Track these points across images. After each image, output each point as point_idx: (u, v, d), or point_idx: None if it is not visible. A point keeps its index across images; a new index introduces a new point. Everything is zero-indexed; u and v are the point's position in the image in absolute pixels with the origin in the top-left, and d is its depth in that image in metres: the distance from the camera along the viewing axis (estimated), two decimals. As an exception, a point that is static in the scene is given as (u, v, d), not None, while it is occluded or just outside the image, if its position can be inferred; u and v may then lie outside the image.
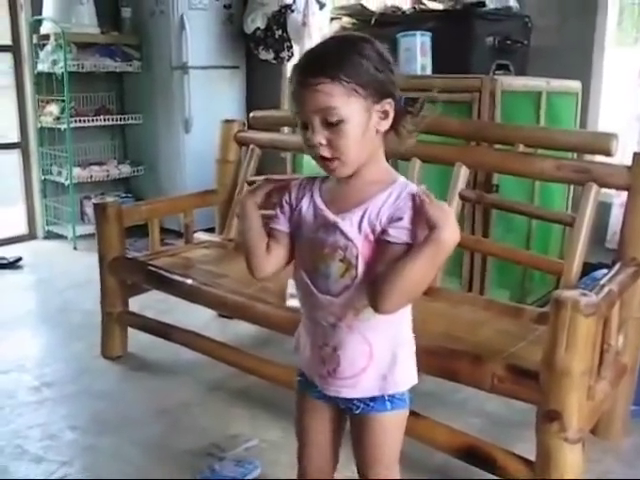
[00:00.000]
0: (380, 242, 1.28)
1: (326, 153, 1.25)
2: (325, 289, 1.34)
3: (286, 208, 1.39)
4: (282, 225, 1.40)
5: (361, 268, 1.29)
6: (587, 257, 2.33)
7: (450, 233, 1.21)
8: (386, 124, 1.29)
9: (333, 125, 1.23)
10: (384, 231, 1.27)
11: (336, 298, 1.33)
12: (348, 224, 1.30)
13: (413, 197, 1.26)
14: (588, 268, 2.45)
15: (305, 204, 1.36)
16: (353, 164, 1.28)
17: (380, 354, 1.36)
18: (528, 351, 2.01)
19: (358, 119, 1.25)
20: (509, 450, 1.90)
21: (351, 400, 1.40)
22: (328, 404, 1.46)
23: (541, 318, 2.23)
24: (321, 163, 1.29)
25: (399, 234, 1.25)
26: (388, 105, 1.28)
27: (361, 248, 1.29)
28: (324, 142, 1.24)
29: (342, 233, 1.30)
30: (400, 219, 1.25)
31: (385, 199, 1.28)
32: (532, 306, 2.96)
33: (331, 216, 1.32)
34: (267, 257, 1.41)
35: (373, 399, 1.39)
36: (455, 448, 1.96)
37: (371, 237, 1.29)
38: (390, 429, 1.43)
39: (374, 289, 1.25)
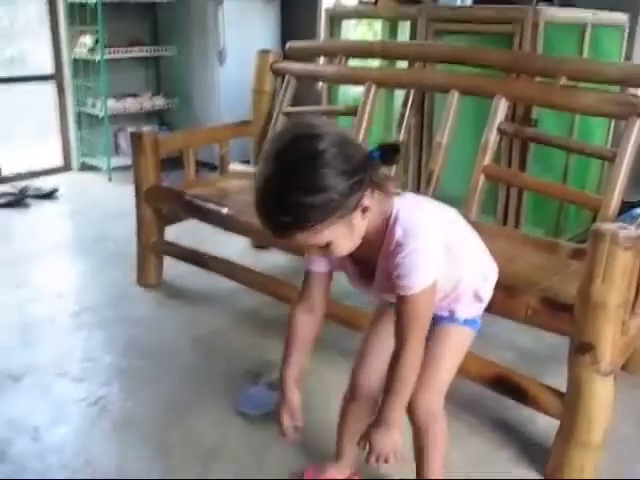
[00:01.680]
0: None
1: (330, 254, 1.32)
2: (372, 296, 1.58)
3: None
4: (323, 266, 1.50)
5: None
6: (625, 196, 2.30)
7: None
8: (367, 205, 1.29)
9: (323, 246, 1.28)
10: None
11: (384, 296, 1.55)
12: (379, 289, 1.46)
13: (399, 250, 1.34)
14: (627, 206, 2.41)
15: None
16: (352, 245, 1.33)
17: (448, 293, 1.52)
18: (563, 285, 2.00)
19: (342, 231, 1.27)
20: (540, 382, 1.91)
21: None
22: None
23: (576, 253, 2.21)
24: None
25: (401, 291, 1.36)
26: (365, 199, 1.27)
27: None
28: (321, 253, 1.33)
29: (375, 294, 1.53)
30: (397, 278, 1.35)
31: (385, 253, 1.37)
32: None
33: (362, 287, 1.50)
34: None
35: (442, 316, 1.55)
36: (487, 378, 1.97)
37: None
38: (454, 341, 1.54)
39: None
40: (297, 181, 1.17)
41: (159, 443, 2.00)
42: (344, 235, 1.27)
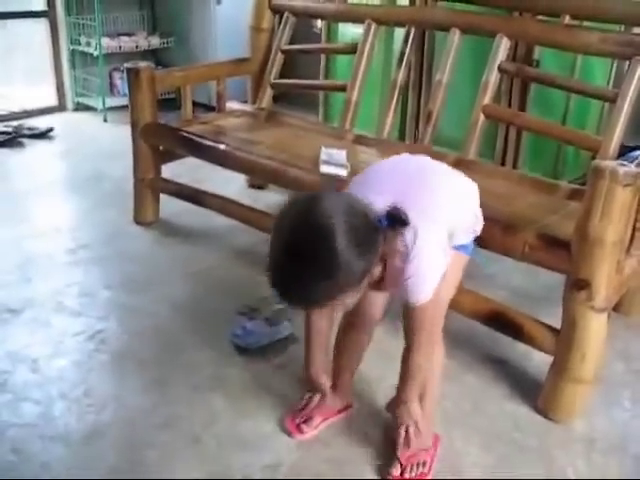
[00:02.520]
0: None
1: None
2: None
3: None
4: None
5: None
6: (625, 140, 2.29)
7: None
8: (378, 270, 1.38)
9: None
10: None
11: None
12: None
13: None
14: (626, 150, 2.41)
15: None
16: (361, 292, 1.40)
17: None
18: (560, 223, 2.01)
19: (357, 294, 1.36)
20: (535, 319, 1.94)
21: None
22: None
23: (574, 194, 2.22)
24: None
25: (407, 301, 1.45)
26: (375, 268, 1.36)
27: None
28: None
29: None
30: (402, 291, 1.43)
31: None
32: (565, 185, 2.96)
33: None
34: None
35: None
36: (482, 315, 2.00)
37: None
38: (451, 265, 1.52)
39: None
40: (315, 271, 1.25)
41: (157, 375, 2.02)
42: (355, 295, 1.36)
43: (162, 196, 3.03)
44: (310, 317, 1.64)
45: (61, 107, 5.06)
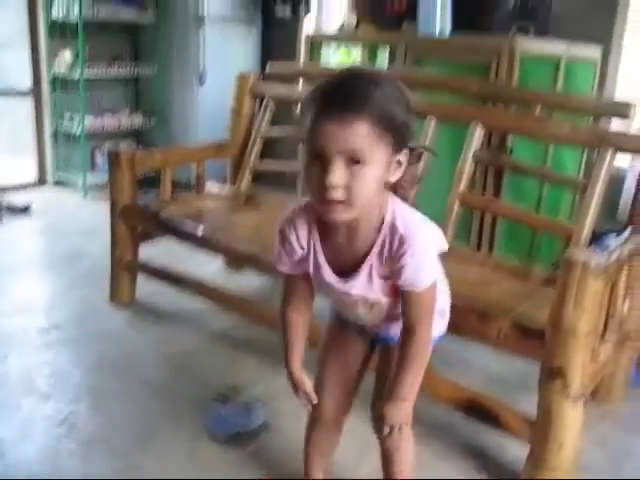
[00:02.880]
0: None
1: (339, 196, 1.18)
2: (354, 318, 1.49)
3: (293, 259, 1.41)
4: (299, 270, 1.44)
5: (385, 299, 1.39)
6: (596, 226, 2.33)
7: None
8: (398, 175, 1.27)
9: (355, 168, 1.17)
10: (393, 277, 1.34)
11: (369, 317, 1.47)
12: (358, 286, 1.36)
13: (402, 242, 1.28)
14: (599, 235, 2.45)
15: (310, 259, 1.38)
16: (357, 211, 1.23)
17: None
18: (534, 311, 2.02)
19: (380, 166, 1.21)
20: (510, 408, 1.93)
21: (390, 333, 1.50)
22: (362, 336, 1.58)
23: (549, 281, 2.24)
24: (323, 205, 1.22)
25: (406, 287, 1.33)
26: (404, 156, 1.25)
27: (380, 292, 1.37)
28: (342, 184, 1.18)
29: (356, 294, 1.39)
30: (399, 274, 1.31)
31: (380, 250, 1.31)
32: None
33: (340, 285, 1.37)
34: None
35: None
36: (457, 403, 1.99)
37: (384, 281, 1.36)
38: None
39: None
40: (380, 87, 1.19)
41: (127, 462, 1.97)
42: (377, 171, 1.20)
43: (139, 275, 3.02)
44: (286, 312, 1.51)
45: (42, 182, 5.10)
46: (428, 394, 2.01)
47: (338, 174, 1.17)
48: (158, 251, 3.13)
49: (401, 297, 1.36)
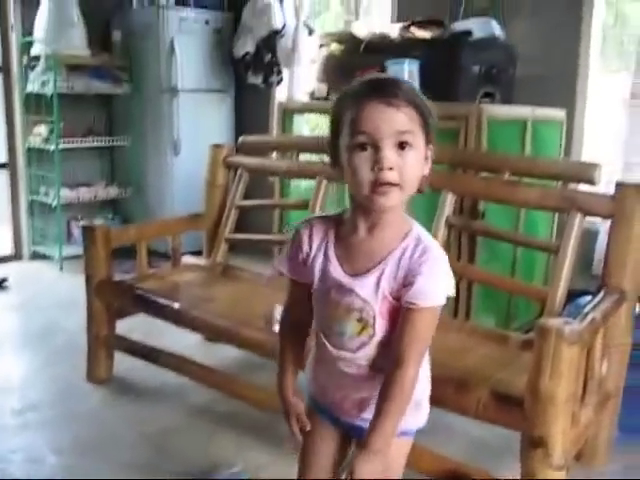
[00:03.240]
0: (399, 303, 1.29)
1: (393, 177, 1.21)
2: (340, 346, 1.34)
3: (299, 263, 1.37)
4: (304, 278, 1.38)
5: (379, 326, 1.31)
6: (573, 283, 2.36)
7: None
8: (427, 169, 1.29)
9: (404, 150, 1.22)
10: (400, 294, 1.28)
11: (353, 354, 1.33)
12: (364, 287, 1.29)
13: (425, 251, 1.27)
14: (574, 295, 2.48)
15: (319, 257, 1.34)
16: (406, 195, 1.25)
17: None
18: (513, 377, 2.02)
19: (421, 152, 1.25)
20: (494, 477, 1.91)
21: (363, 428, 1.37)
22: (336, 426, 1.47)
23: (526, 345, 2.24)
24: (374, 191, 1.22)
25: (414, 299, 1.26)
26: (430, 151, 1.29)
27: (379, 309, 1.29)
28: (394, 166, 1.21)
29: (358, 296, 1.30)
30: (412, 283, 1.25)
31: (400, 256, 1.28)
32: (518, 331, 3.00)
33: (346, 280, 1.31)
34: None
35: None
36: (440, 474, 1.97)
37: (389, 297, 1.29)
38: (395, 454, 1.41)
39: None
40: (413, 86, 1.28)
41: None
42: (421, 156, 1.25)
43: (117, 350, 2.98)
44: (283, 325, 1.47)
45: (17, 256, 5.06)
46: (409, 465, 1.99)
47: (391, 155, 1.21)
48: (135, 323, 3.09)
49: (400, 318, 1.29)
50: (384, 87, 1.24)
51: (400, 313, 1.29)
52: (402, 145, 1.22)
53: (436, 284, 1.26)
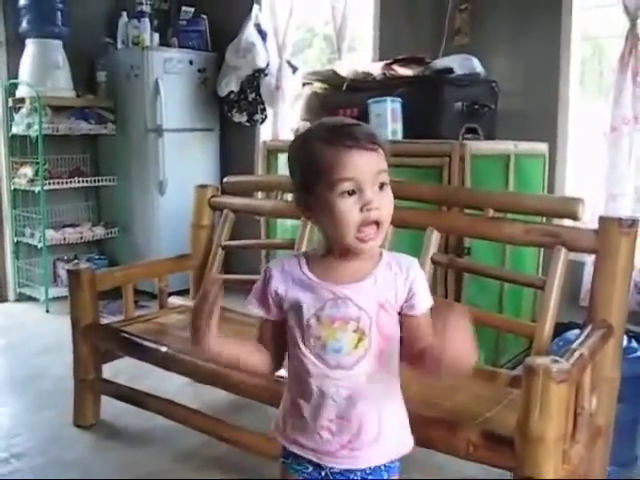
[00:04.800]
0: (402, 314, 1.35)
1: (379, 216, 1.27)
2: (336, 364, 1.33)
3: (273, 299, 1.37)
4: (276, 315, 1.39)
5: (374, 337, 1.32)
6: (561, 316, 2.36)
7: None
8: None
9: (382, 190, 1.28)
10: (405, 306, 1.34)
11: (349, 371, 1.33)
12: (360, 293, 1.32)
13: (410, 266, 1.35)
14: (562, 327, 2.48)
15: (297, 286, 1.35)
16: (384, 233, 1.31)
17: (391, 418, 1.38)
18: (503, 416, 2.02)
19: (391, 197, 1.31)
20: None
21: (348, 476, 1.37)
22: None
23: (515, 381, 2.24)
24: (357, 237, 1.27)
25: (420, 306, 1.34)
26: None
27: (375, 317, 1.31)
28: (379, 207, 1.27)
29: (354, 304, 1.31)
30: (412, 297, 1.33)
31: (386, 270, 1.34)
32: (507, 366, 3.00)
33: (339, 289, 1.32)
34: (275, 355, 1.43)
35: (371, 471, 1.38)
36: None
37: (387, 306, 1.33)
38: None
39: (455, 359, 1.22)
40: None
41: None
42: (391, 200, 1.30)
43: (103, 395, 2.95)
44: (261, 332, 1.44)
45: (3, 298, 5.02)
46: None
47: (375, 195, 1.27)
48: (122, 366, 3.06)
49: (405, 327, 1.35)
50: (355, 132, 1.28)
51: (395, 325, 1.35)
52: (381, 185, 1.28)
53: (427, 291, 1.37)
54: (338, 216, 1.26)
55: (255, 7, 4.81)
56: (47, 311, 4.70)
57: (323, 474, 1.40)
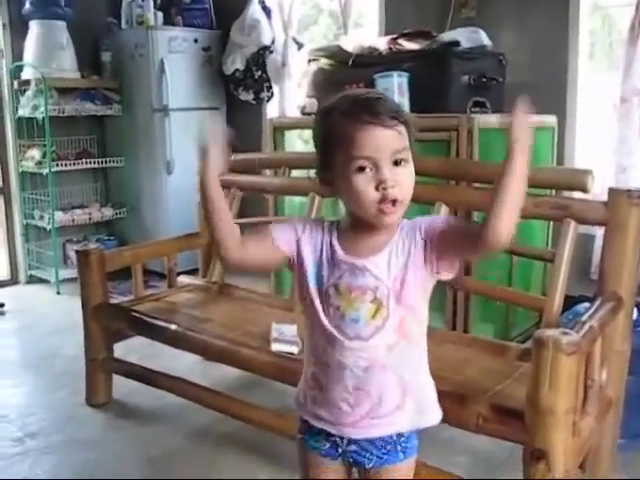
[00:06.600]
0: (436, 247, 1.31)
1: (397, 195, 1.26)
2: (354, 334, 1.32)
3: (292, 236, 1.36)
4: (281, 240, 1.35)
5: (392, 306, 1.31)
6: (571, 289, 2.35)
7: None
8: None
9: (399, 167, 1.27)
10: (430, 243, 1.31)
11: (367, 342, 1.32)
12: (376, 265, 1.31)
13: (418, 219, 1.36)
14: (572, 301, 2.47)
15: (322, 252, 1.35)
16: (404, 209, 1.30)
17: (413, 389, 1.37)
18: (513, 389, 2.02)
19: (412, 164, 1.31)
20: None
21: (364, 454, 1.38)
22: (336, 461, 1.44)
23: (525, 355, 2.23)
24: (379, 210, 1.26)
25: (436, 223, 1.34)
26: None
27: (392, 286, 1.31)
28: (395, 184, 1.25)
29: (372, 274, 1.31)
30: (427, 228, 1.33)
31: (401, 238, 1.32)
32: (517, 339, 3.00)
33: (359, 261, 1.32)
34: (239, 241, 1.34)
35: (387, 451, 1.39)
36: (443, 490, 1.95)
37: (411, 269, 1.31)
38: (402, 478, 1.42)
39: (488, 218, 1.28)
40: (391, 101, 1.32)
41: None
42: (412, 176, 1.30)
43: (115, 375, 2.97)
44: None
45: (14, 280, 5.05)
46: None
47: (391, 173, 1.25)
48: (134, 345, 3.08)
49: (450, 234, 1.32)
50: (376, 107, 1.26)
51: (422, 285, 1.34)
52: (397, 162, 1.26)
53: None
54: (355, 193, 1.26)
55: (259, -17, 4.77)
56: (58, 293, 4.72)
57: (340, 451, 1.41)
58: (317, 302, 1.35)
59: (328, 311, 1.34)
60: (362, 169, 1.25)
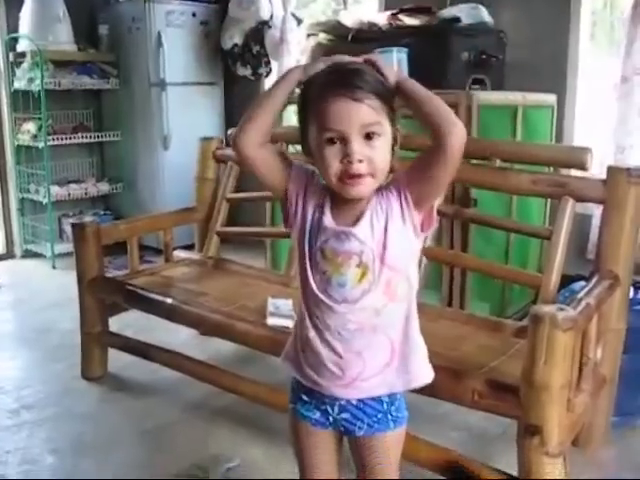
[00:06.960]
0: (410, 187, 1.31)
1: (363, 170, 1.25)
2: (342, 298, 1.33)
3: (304, 179, 1.37)
4: (294, 171, 1.37)
5: (378, 269, 1.32)
6: (568, 268, 2.35)
7: None
8: (393, 150, 1.32)
9: (371, 141, 1.25)
10: (399, 192, 1.32)
11: (355, 305, 1.33)
12: (361, 230, 1.32)
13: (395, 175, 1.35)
14: (568, 280, 2.47)
15: (314, 213, 1.36)
16: (378, 182, 1.30)
17: (402, 349, 1.39)
18: (508, 365, 2.02)
19: (388, 138, 1.29)
20: (491, 465, 1.90)
21: (355, 422, 1.40)
22: (327, 430, 1.45)
23: (521, 332, 2.24)
24: (347, 183, 1.26)
25: (399, 176, 1.33)
26: (397, 132, 1.31)
27: (376, 249, 1.31)
28: (365, 158, 1.25)
29: (357, 239, 1.32)
30: (397, 181, 1.32)
31: (381, 199, 1.32)
32: (513, 317, 3.00)
33: (344, 228, 1.33)
34: (263, 141, 1.35)
35: (378, 419, 1.41)
36: (437, 465, 1.95)
37: (383, 236, 1.31)
38: (392, 447, 1.45)
39: (431, 127, 1.27)
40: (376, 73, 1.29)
41: None
42: (388, 143, 1.28)
43: (111, 347, 2.97)
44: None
45: (9, 255, 5.04)
46: (405, 457, 1.98)
47: (359, 148, 1.24)
48: (129, 319, 3.08)
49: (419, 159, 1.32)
50: (348, 79, 1.25)
51: (409, 244, 1.34)
52: (369, 136, 1.25)
53: None
54: (323, 164, 1.28)
55: (258, -43, 4.71)
56: (53, 267, 4.71)
57: (331, 420, 1.43)
58: (307, 265, 1.37)
59: (315, 276, 1.36)
60: (331, 141, 1.25)
